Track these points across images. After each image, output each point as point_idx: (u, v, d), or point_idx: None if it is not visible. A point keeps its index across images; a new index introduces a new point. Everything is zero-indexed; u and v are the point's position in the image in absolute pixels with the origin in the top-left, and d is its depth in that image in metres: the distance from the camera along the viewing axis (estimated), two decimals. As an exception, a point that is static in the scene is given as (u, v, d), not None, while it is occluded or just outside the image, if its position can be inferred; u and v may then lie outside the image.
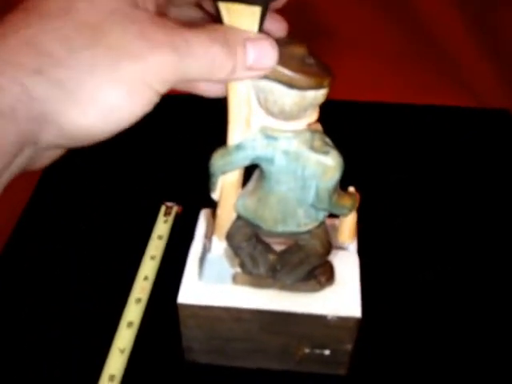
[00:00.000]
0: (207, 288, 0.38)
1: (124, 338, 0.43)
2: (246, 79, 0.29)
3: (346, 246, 0.41)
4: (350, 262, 0.40)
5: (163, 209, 0.53)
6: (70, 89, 0.24)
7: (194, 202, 0.42)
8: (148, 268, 0.47)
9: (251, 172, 0.36)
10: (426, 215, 0.54)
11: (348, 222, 0.38)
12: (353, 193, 0.36)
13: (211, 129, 0.35)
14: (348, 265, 0.40)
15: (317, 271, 0.38)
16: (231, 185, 0.35)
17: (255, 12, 0.27)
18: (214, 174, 0.34)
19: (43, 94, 0.24)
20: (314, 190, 0.33)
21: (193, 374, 0.41)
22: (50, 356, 0.42)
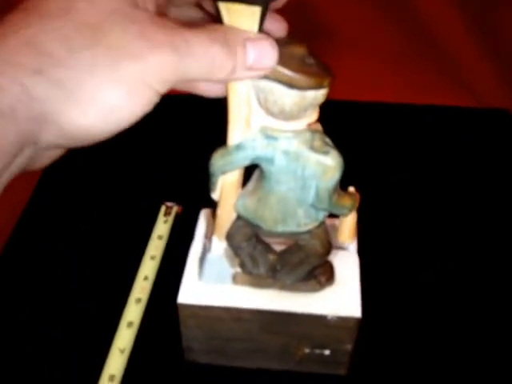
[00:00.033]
0: (207, 288, 0.38)
1: (124, 338, 0.43)
2: (246, 79, 0.29)
3: (345, 246, 0.41)
4: (349, 262, 0.40)
5: (163, 209, 0.53)
6: (70, 89, 0.24)
7: (194, 202, 0.42)
8: (148, 268, 0.47)
9: (251, 172, 0.36)
10: (426, 215, 0.54)
11: (348, 221, 0.38)
12: (353, 193, 0.36)
13: (211, 129, 0.35)
14: (348, 265, 0.40)
15: (317, 271, 0.38)
16: (231, 185, 0.35)
17: (255, 12, 0.27)
18: (213, 174, 0.34)
19: (43, 94, 0.24)
20: (314, 190, 0.33)
21: (193, 373, 0.41)
22: (49, 356, 0.42)
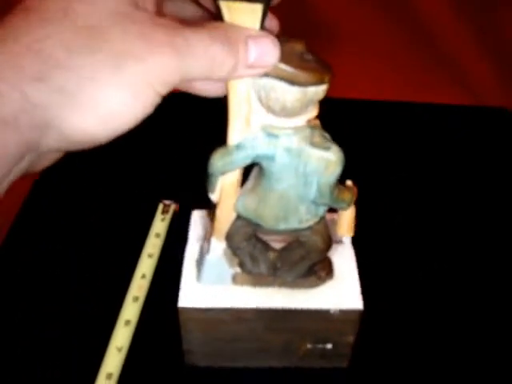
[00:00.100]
0: (207, 290, 0.38)
1: (121, 337, 0.42)
2: (247, 77, 0.29)
3: (340, 240, 0.41)
4: (346, 255, 0.40)
5: (161, 207, 0.52)
6: (71, 94, 0.24)
7: (192, 200, 0.41)
8: (145, 266, 0.47)
9: (249, 170, 0.35)
10: (425, 212, 0.54)
11: (347, 215, 0.38)
12: (351, 186, 0.37)
13: (210, 128, 0.35)
14: (344, 258, 0.40)
15: (316, 266, 0.38)
16: (231, 185, 0.34)
17: (256, 9, 0.27)
18: (213, 175, 0.34)
19: (45, 101, 0.23)
20: (315, 186, 0.33)
21: (193, 374, 0.41)
22: (47, 354, 0.42)
